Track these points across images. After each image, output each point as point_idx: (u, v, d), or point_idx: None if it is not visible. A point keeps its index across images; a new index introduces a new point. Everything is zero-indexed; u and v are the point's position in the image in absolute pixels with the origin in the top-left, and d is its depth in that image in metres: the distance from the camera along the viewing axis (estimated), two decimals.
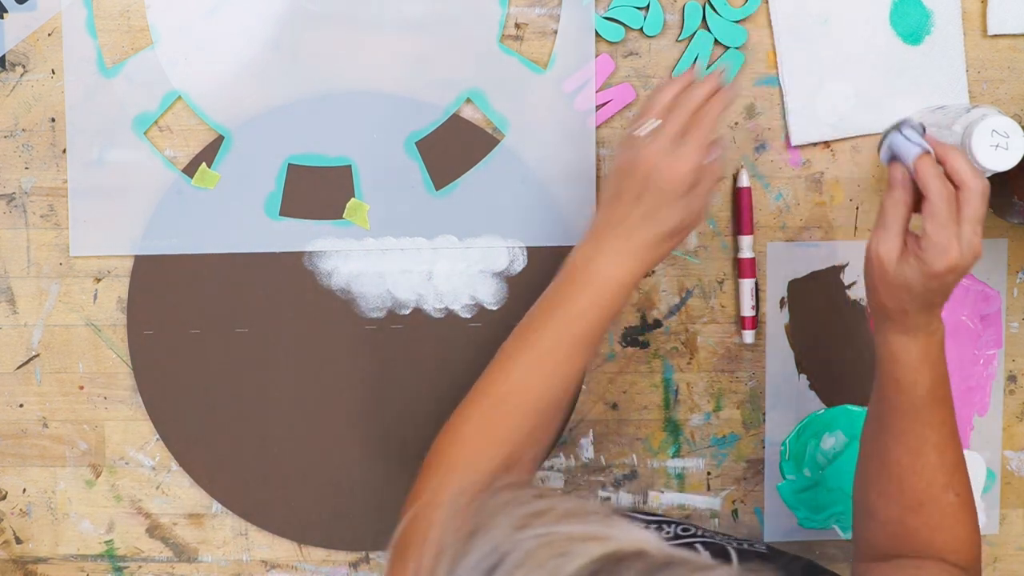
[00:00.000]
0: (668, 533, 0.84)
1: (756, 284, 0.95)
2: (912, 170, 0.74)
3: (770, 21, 0.93)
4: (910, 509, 0.80)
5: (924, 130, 0.74)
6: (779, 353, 0.96)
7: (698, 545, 0.81)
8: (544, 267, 0.94)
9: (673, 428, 0.97)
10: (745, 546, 0.82)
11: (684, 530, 0.85)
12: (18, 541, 0.97)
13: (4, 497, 0.96)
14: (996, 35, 0.94)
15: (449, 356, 0.95)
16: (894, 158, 0.75)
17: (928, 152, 0.74)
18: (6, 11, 0.92)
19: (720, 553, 0.80)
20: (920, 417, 0.78)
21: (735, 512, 0.98)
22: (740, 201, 0.94)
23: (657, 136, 0.78)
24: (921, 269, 0.73)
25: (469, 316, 0.95)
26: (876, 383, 0.81)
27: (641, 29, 0.93)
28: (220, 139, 0.93)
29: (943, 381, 0.79)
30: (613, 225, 0.79)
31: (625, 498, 0.97)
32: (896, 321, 0.77)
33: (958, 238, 0.72)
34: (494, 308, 0.95)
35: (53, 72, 0.92)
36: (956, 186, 0.73)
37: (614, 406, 0.97)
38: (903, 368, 0.78)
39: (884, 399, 0.80)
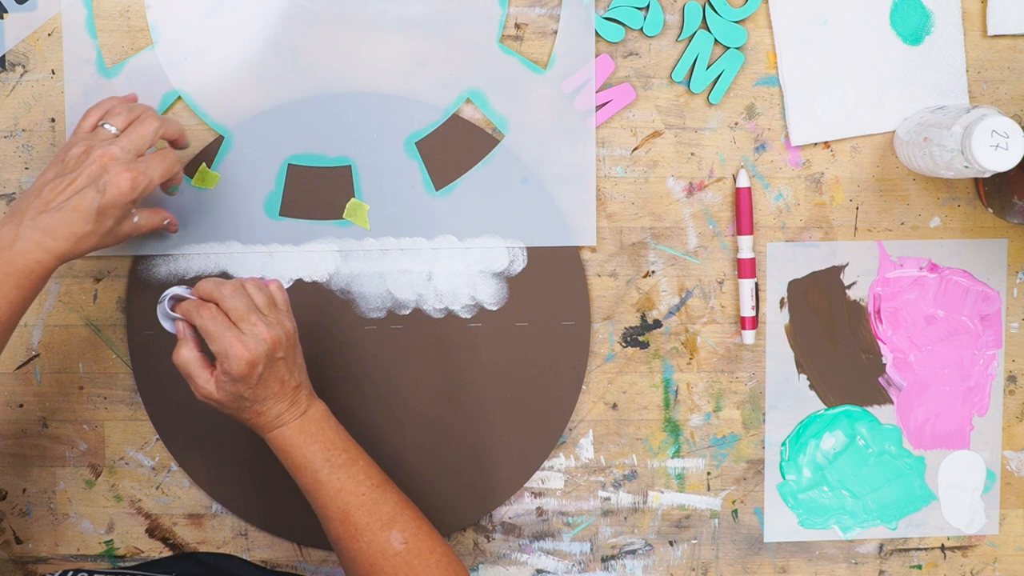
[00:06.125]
0: None
1: (756, 284, 0.95)
2: (182, 322, 0.83)
3: (770, 21, 0.93)
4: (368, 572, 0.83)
5: (187, 290, 0.84)
6: (779, 353, 0.96)
7: None
8: (544, 267, 0.94)
9: (673, 428, 0.97)
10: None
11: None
12: (18, 541, 0.96)
13: (4, 497, 0.96)
14: (996, 35, 0.94)
15: (449, 356, 0.95)
16: (176, 319, 0.84)
17: (186, 299, 0.84)
18: (6, 11, 0.92)
19: None
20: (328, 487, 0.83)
21: (735, 512, 0.98)
22: (740, 201, 0.94)
23: (117, 140, 0.82)
24: (233, 382, 0.81)
25: (469, 316, 0.95)
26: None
27: (641, 29, 0.93)
28: (220, 139, 0.93)
29: (336, 448, 0.84)
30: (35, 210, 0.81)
31: (625, 498, 0.97)
32: (259, 425, 0.84)
33: (240, 339, 0.80)
34: (494, 308, 0.95)
35: (53, 72, 0.92)
36: (217, 302, 0.82)
37: (614, 406, 0.97)
38: (289, 454, 0.84)
39: (304, 491, 0.84)
